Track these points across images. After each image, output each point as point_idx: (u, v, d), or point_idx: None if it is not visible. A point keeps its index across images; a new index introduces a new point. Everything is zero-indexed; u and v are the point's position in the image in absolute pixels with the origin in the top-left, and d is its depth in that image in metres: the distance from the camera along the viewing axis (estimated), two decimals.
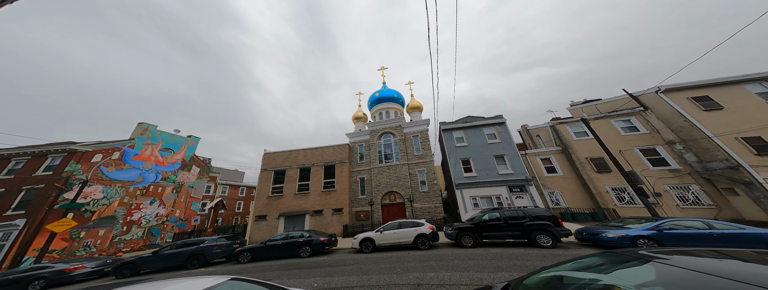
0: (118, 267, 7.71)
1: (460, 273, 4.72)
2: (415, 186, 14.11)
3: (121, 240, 14.31)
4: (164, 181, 17.66)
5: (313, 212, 14.47)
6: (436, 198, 13.27)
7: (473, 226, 7.48)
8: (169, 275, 7.31)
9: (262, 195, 15.22)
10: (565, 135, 12.18)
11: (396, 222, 8.63)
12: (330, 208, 14.57)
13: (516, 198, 11.32)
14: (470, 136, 13.82)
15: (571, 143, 11.94)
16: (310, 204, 14.71)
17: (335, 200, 14.74)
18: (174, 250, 8.12)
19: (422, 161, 14.63)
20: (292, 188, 15.29)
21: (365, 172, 15.73)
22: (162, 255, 8.01)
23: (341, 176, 15.52)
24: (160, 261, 7.96)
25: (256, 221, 14.41)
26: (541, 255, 5.63)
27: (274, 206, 14.75)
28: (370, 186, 15.13)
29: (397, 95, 19.62)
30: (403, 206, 13.85)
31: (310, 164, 16.06)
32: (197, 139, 20.40)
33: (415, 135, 15.85)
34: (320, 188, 15.21)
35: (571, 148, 11.82)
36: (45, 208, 11.57)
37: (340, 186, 15.17)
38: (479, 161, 12.83)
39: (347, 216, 14.23)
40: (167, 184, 17.84)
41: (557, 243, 6.49)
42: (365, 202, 14.69)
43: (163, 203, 17.25)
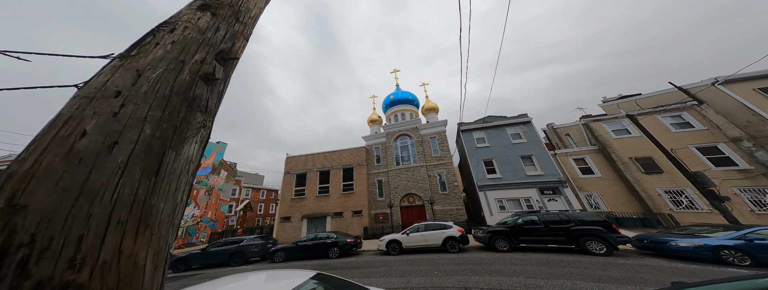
0: (174, 262, 8.23)
1: (509, 278, 4.43)
2: (435, 188, 13.54)
3: None
4: (198, 184, 18.89)
5: (334, 214, 14.45)
6: (457, 200, 12.58)
7: (508, 230, 6.90)
8: (219, 271, 7.49)
9: (286, 198, 15.57)
10: (602, 134, 10.96)
11: (421, 224, 8.28)
12: (350, 210, 14.47)
13: (548, 201, 10.30)
14: (492, 136, 13.03)
15: (610, 142, 10.70)
16: (330, 206, 14.74)
17: (354, 203, 14.62)
18: (219, 248, 8.51)
19: (441, 163, 14.06)
20: (313, 191, 15.47)
21: (383, 174, 15.49)
22: (209, 253, 8.42)
23: (359, 178, 15.43)
24: (208, 258, 8.38)
25: (282, 222, 14.72)
26: (599, 264, 4.95)
27: (297, 208, 14.99)
28: (387, 188, 14.83)
29: (412, 97, 19.31)
30: (422, 208, 13.32)
31: (329, 167, 16.19)
32: (224, 145, 21.66)
33: (432, 136, 15.37)
34: (340, 190, 15.21)
35: (610, 147, 10.58)
36: None
37: (359, 189, 15.05)
38: (504, 162, 11.99)
39: (367, 218, 14.01)
40: (200, 187, 19.05)
41: (614, 250, 5.69)
42: (384, 204, 14.38)
43: (197, 204, 18.41)
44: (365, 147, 16.70)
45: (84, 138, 0.49)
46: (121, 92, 0.56)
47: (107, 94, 0.55)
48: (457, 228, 7.67)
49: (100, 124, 0.51)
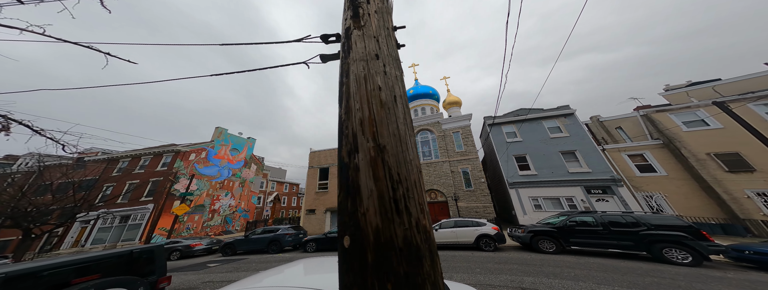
0: (224, 247, 8.98)
1: (573, 282, 3.84)
2: (459, 184, 12.70)
3: (208, 226, 16.93)
4: (233, 176, 20.41)
5: None
6: (483, 197, 11.63)
7: (555, 230, 6.05)
8: (262, 257, 7.86)
9: (311, 191, 15.99)
10: (669, 126, 9.08)
11: (451, 221, 7.79)
12: None
13: (597, 201, 8.91)
14: (526, 130, 11.67)
15: (679, 135, 8.81)
16: None
17: None
18: (258, 236, 8.99)
19: (466, 158, 13.11)
20: (336, 185, 15.66)
21: None
22: (251, 239, 8.92)
23: None
24: (250, 244, 8.88)
25: (307, 214, 15.17)
26: (690, 275, 4.02)
27: (321, 202, 15.30)
28: None
29: (433, 91, 18.32)
30: (445, 204, 12.62)
31: None
32: (254, 140, 23.00)
33: (455, 131, 14.40)
34: None
35: (680, 141, 8.72)
36: (164, 196, 14.46)
37: None
38: (539, 158, 10.68)
39: None
40: (235, 179, 20.56)
41: (703, 261, 4.60)
42: None
43: (233, 195, 19.95)
44: None
45: (381, 92, 0.71)
46: (378, 56, 0.83)
47: (372, 56, 0.81)
48: (492, 226, 7.05)
49: (383, 81, 0.75)
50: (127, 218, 14.05)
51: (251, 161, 22.38)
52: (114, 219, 13.95)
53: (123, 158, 16.74)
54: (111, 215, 13.27)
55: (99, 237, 13.63)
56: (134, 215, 14.05)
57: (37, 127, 2.73)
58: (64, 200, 10.70)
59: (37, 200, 10.41)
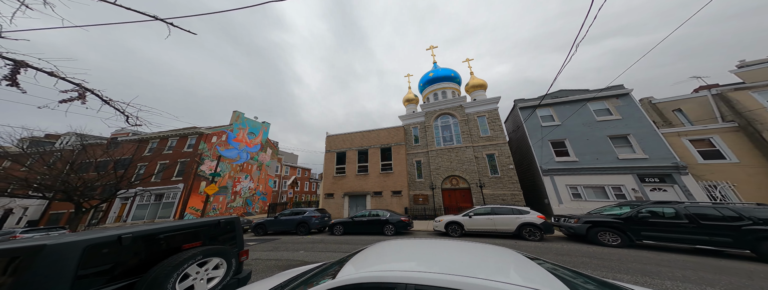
0: (255, 227, 8.92)
1: (673, 283, 3.04)
2: (483, 170, 11.74)
3: (231, 207, 17.15)
4: (251, 160, 20.26)
5: (374, 193, 13.96)
6: (511, 185, 10.69)
7: (620, 221, 5.14)
8: (294, 239, 7.55)
9: (329, 175, 15.55)
10: (751, 106, 7.44)
11: (487, 207, 7.03)
12: (389, 190, 13.78)
13: (652, 191, 7.77)
14: (565, 113, 10.19)
15: (763, 116, 7.23)
16: (370, 185, 14.24)
17: (393, 183, 13.82)
18: (288, 217, 8.79)
19: (492, 144, 11.94)
20: (353, 169, 15.06)
21: (422, 155, 14.11)
22: (281, 220, 8.77)
23: (398, 158, 14.37)
24: (280, 225, 8.73)
25: (326, 198, 14.90)
26: None
27: (339, 186, 14.89)
28: (427, 170, 13.54)
29: (454, 74, 16.53)
30: (467, 191, 11.83)
31: (367, 146, 15.37)
32: (269, 124, 22.44)
33: (480, 115, 13.03)
34: (378, 170, 14.47)
35: (762, 123, 7.17)
36: (192, 176, 14.48)
37: (398, 169, 14.08)
38: (581, 143, 9.38)
39: (406, 199, 13.19)
40: (253, 162, 20.44)
41: None
42: (424, 185, 13.27)
43: (252, 178, 19.99)
44: (403, 127, 15.28)
45: None
46: None
47: None
48: (537, 214, 6.22)
49: None
50: (161, 196, 14.26)
51: (267, 145, 22.09)
52: (150, 197, 14.20)
53: (152, 139, 16.66)
54: (147, 193, 13.48)
55: (137, 213, 14.02)
56: (167, 194, 14.23)
57: (107, 97, 2.61)
58: (106, 177, 11.06)
59: (83, 176, 10.65)
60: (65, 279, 1.35)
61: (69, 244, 1.42)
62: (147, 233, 1.89)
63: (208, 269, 2.10)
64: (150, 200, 14.32)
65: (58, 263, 1.34)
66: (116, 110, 2.68)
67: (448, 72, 16.54)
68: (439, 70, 16.79)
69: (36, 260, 1.29)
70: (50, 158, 12.96)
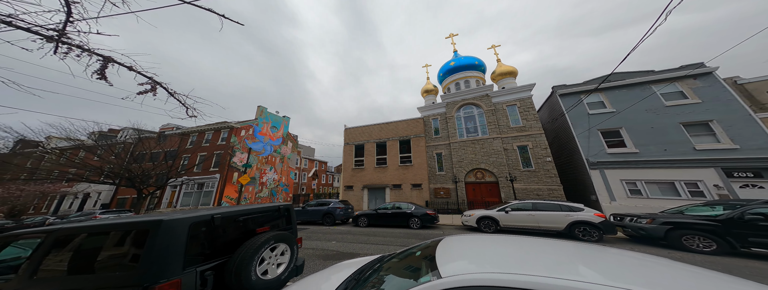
0: None
1: None
2: (514, 163, 10.58)
3: (259, 197, 18.00)
4: (275, 153, 21.01)
5: (393, 186, 13.54)
6: (549, 179, 9.44)
7: (717, 224, 4.02)
8: (321, 229, 7.52)
9: (348, 167, 15.45)
10: None
11: (528, 203, 6.15)
12: (408, 183, 13.25)
13: (742, 188, 6.18)
14: (622, 98, 8.55)
15: None
16: (388, 178, 13.83)
17: (413, 176, 13.24)
18: (315, 207, 8.81)
19: (524, 134, 10.66)
20: (371, 162, 14.74)
21: (443, 147, 13.25)
22: (307, 211, 8.80)
23: (417, 151, 13.69)
24: (307, 215, 8.77)
25: (346, 190, 14.84)
26: None
27: (358, 178, 14.72)
28: (449, 162, 12.69)
29: (478, 62, 15.11)
30: (495, 185, 10.81)
31: (385, 138, 14.89)
32: (288, 118, 23.00)
33: (510, 104, 11.71)
34: (397, 162, 13.97)
35: None
36: (226, 167, 15.42)
37: (417, 161, 13.44)
38: (643, 132, 7.80)
39: (427, 192, 12.56)
40: (276, 155, 21.18)
41: None
42: (445, 179, 12.48)
43: (276, 170, 20.77)
44: (422, 118, 14.48)
45: None
46: None
47: None
48: (595, 212, 5.26)
49: None
50: (202, 185, 15.40)
51: (287, 139, 22.73)
52: (193, 186, 15.44)
53: (192, 133, 17.97)
54: (191, 181, 14.67)
55: (184, 200, 15.34)
56: (207, 183, 15.33)
57: (172, 89, 2.72)
58: (159, 167, 12.25)
59: (142, 165, 12.04)
60: (179, 251, 1.42)
61: (179, 220, 1.48)
62: (230, 214, 1.86)
63: (277, 254, 2.01)
64: (193, 189, 15.55)
65: (173, 236, 1.42)
66: (179, 101, 2.81)
67: (471, 60, 15.17)
68: (461, 59, 15.48)
69: (158, 232, 1.38)
70: (115, 149, 14.65)
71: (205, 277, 1.50)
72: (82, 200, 17.35)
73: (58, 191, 16.78)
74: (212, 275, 1.54)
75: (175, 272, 1.36)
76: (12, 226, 11.80)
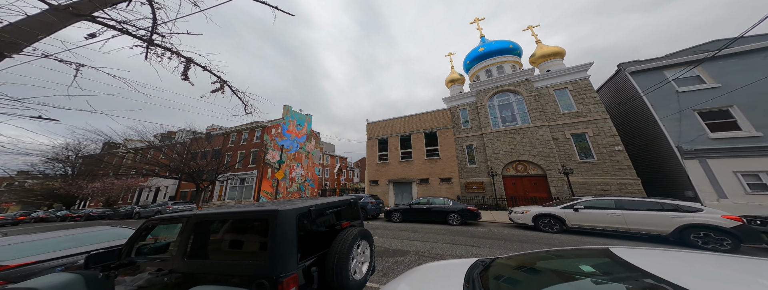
0: None
1: None
2: (568, 154, 8.91)
3: (290, 192, 18.71)
4: (300, 149, 21.66)
5: (419, 180, 12.71)
6: (619, 171, 7.63)
7: None
8: None
9: (372, 162, 15.04)
10: None
11: (608, 199, 4.83)
12: (436, 177, 12.29)
13: None
14: (729, 70, 6.42)
15: None
16: (415, 172, 13.03)
17: (442, 169, 12.23)
18: None
19: (581, 121, 8.88)
20: (396, 156, 14.08)
21: (474, 138, 11.95)
22: None
23: (445, 143, 12.61)
24: None
25: (371, 185, 14.47)
26: None
27: (383, 173, 14.21)
28: (482, 154, 11.37)
29: (513, 45, 13.25)
30: (542, 179, 9.27)
31: (410, 131, 14.06)
32: (311, 116, 23.49)
33: (559, 88, 9.91)
34: (423, 156, 13.07)
35: None
36: (261, 164, 16.32)
37: (445, 154, 12.37)
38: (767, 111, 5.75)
39: (457, 186, 11.46)
40: (302, 152, 21.82)
41: None
42: (479, 172, 11.23)
43: (303, 166, 21.42)
44: (449, 109, 13.29)
45: None
46: None
47: None
48: (723, 214, 3.82)
49: None
50: (244, 180, 16.51)
51: (311, 136, 23.27)
52: (236, 181, 16.67)
53: (232, 133, 19.43)
54: (235, 177, 15.86)
55: (230, 194, 16.65)
56: (247, 178, 16.39)
57: (235, 87, 2.81)
58: (210, 164, 13.38)
59: (198, 162, 13.56)
60: (294, 244, 1.36)
61: (290, 211, 1.43)
62: (321, 207, 1.72)
63: (362, 251, 1.85)
64: (236, 184, 16.76)
65: (289, 227, 1.37)
66: (240, 99, 2.89)
67: (504, 44, 13.39)
68: (491, 44, 13.77)
69: (277, 222, 1.34)
70: (175, 148, 16.48)
71: (311, 273, 1.39)
72: (154, 193, 19.99)
73: (136, 185, 19.57)
74: (316, 272, 1.41)
75: (292, 266, 1.28)
76: (111, 214, 14.01)
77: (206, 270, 1.40)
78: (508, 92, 11.45)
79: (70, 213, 15.42)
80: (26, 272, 1.87)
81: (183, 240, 1.52)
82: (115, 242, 2.43)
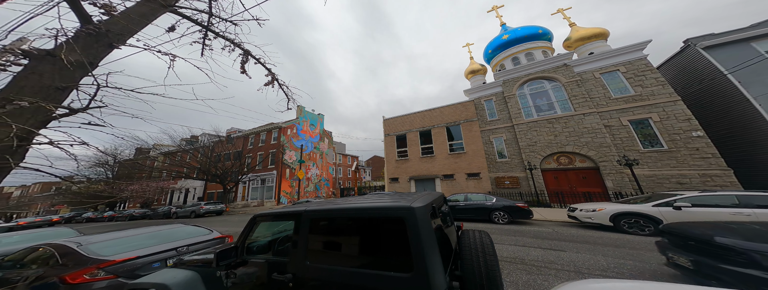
0: None
1: None
2: (627, 143, 7.53)
3: (307, 191, 18.17)
4: (315, 149, 21.14)
5: (443, 176, 11.64)
6: (701, 161, 6.17)
7: None
8: None
9: (391, 159, 14.13)
10: None
11: (729, 195, 3.67)
12: (462, 172, 11.17)
13: None
14: None
15: None
16: (437, 168, 11.98)
17: (468, 164, 11.10)
18: None
19: (641, 105, 7.46)
20: (416, 152, 13.08)
21: (503, 131, 10.74)
22: None
23: (470, 137, 11.47)
24: None
25: (391, 183, 13.54)
26: None
27: (403, 170, 13.25)
28: (514, 147, 10.16)
29: (543, 31, 11.91)
30: (592, 172, 7.95)
31: (430, 126, 13.03)
32: (323, 116, 22.96)
33: (607, 71, 8.56)
34: (446, 151, 11.99)
35: None
36: (280, 164, 15.90)
37: (472, 148, 11.23)
38: None
39: (487, 182, 10.31)
40: (316, 152, 21.30)
41: None
42: (511, 166, 10.02)
43: (318, 166, 20.87)
44: (472, 101, 12.15)
45: None
46: None
47: None
48: None
49: None
50: (264, 181, 16.16)
51: (324, 135, 22.72)
52: (257, 181, 16.35)
53: (251, 135, 19.22)
54: (257, 178, 15.55)
55: (252, 195, 16.34)
56: (268, 179, 16.01)
57: (282, 81, 2.70)
58: (235, 165, 13.39)
59: (223, 164, 13.51)
60: (436, 251, 1.07)
61: (423, 208, 1.17)
62: (437, 204, 1.40)
63: None
64: (258, 184, 16.42)
65: (428, 227, 1.12)
66: (285, 94, 2.72)
67: (532, 29, 12.10)
68: (517, 31, 12.52)
69: (416, 222, 1.07)
70: (200, 151, 16.47)
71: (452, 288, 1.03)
72: (184, 194, 20.12)
73: (168, 187, 19.81)
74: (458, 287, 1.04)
75: (440, 282, 0.93)
76: (151, 214, 14.06)
77: (335, 278, 1.14)
78: (541, 79, 10.19)
79: (115, 214, 15.79)
80: (130, 267, 1.88)
81: (299, 240, 1.29)
82: (193, 239, 2.42)
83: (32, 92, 1.20)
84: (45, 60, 1.27)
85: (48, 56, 1.27)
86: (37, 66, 1.26)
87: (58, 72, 1.27)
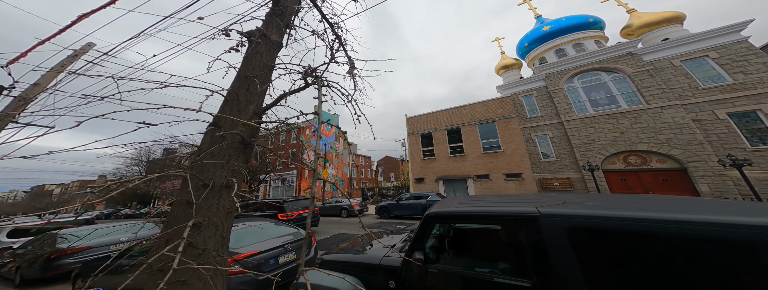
0: (380, 209, 8.03)
1: None
2: (726, 140, 6.04)
3: (325, 191, 17.47)
4: (331, 149, 20.43)
5: (476, 176, 10.40)
6: None
7: None
8: None
9: (416, 158, 13.04)
10: None
11: None
12: (500, 172, 9.88)
13: None
14: None
15: None
16: (469, 168, 10.76)
17: (506, 164, 9.80)
18: (409, 201, 7.39)
19: (746, 94, 5.91)
20: (444, 151, 11.93)
21: (549, 128, 9.41)
22: (402, 204, 7.45)
23: (508, 135, 10.16)
24: (403, 209, 7.34)
25: (416, 183, 12.44)
26: None
27: (429, 169, 12.13)
28: (564, 145, 8.81)
29: (594, 19, 10.39)
30: (678, 174, 6.47)
31: (459, 124, 11.84)
32: (338, 115, 22.26)
33: (692, 57, 7.08)
34: (479, 150, 10.75)
35: None
36: (300, 164, 15.34)
37: (510, 147, 9.93)
38: None
39: (531, 183, 8.99)
40: (332, 151, 20.59)
41: None
42: (560, 166, 8.68)
43: (334, 166, 20.14)
44: (508, 97, 10.87)
45: None
46: None
47: None
48: None
49: None
50: (284, 180, 15.68)
51: (339, 135, 22.00)
52: (278, 181, 15.92)
53: (271, 133, 18.84)
54: (278, 178, 15.14)
55: (273, 194, 15.90)
56: (288, 179, 15.51)
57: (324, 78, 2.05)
58: (261, 165, 12.92)
59: (250, 162, 13.22)
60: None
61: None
62: None
63: None
64: (278, 184, 15.96)
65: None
66: (355, 84, 2.25)
67: (581, 19, 10.67)
68: (561, 21, 11.11)
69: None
70: None
71: None
72: None
73: None
74: None
75: None
76: None
77: None
78: (597, 70, 8.80)
79: (151, 211, 15.97)
80: (254, 261, 1.86)
81: (556, 258, 0.91)
82: (289, 236, 2.31)
83: None
84: None
85: None
86: None
87: None
